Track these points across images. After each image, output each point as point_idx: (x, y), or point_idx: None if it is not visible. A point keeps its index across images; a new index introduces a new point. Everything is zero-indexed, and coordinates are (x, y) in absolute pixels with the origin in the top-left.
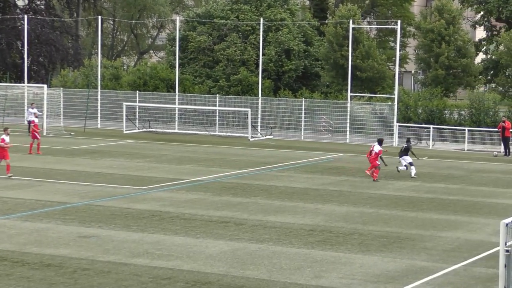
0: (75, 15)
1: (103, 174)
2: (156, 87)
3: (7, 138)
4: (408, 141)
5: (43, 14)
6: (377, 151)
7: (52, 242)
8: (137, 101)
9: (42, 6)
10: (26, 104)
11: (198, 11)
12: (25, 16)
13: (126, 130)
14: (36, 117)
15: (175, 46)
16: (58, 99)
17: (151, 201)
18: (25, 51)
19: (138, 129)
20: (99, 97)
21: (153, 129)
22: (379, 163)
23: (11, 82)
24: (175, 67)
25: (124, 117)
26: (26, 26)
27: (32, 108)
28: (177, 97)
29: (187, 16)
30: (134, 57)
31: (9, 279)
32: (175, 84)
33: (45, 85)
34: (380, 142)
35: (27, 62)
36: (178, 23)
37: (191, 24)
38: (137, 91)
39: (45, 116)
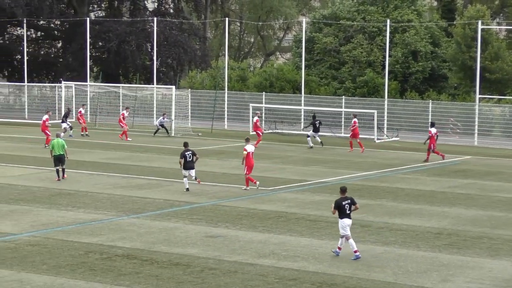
0: (202, 17)
1: (229, 174)
2: (282, 88)
3: (249, 147)
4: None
5: (172, 17)
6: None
7: (180, 241)
8: (264, 102)
9: (171, 10)
10: (155, 105)
11: (324, 12)
12: (155, 19)
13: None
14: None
15: (301, 48)
16: (186, 100)
17: (277, 202)
18: (154, 53)
19: (264, 130)
20: (226, 98)
21: (279, 130)
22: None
23: (140, 84)
24: (301, 69)
25: (251, 118)
26: (155, 28)
27: (164, 118)
28: (303, 98)
29: (313, 18)
30: (261, 58)
31: (139, 277)
32: (301, 86)
33: (173, 87)
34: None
35: (156, 64)
36: (304, 25)
37: (317, 25)
38: (263, 92)
39: (173, 117)
